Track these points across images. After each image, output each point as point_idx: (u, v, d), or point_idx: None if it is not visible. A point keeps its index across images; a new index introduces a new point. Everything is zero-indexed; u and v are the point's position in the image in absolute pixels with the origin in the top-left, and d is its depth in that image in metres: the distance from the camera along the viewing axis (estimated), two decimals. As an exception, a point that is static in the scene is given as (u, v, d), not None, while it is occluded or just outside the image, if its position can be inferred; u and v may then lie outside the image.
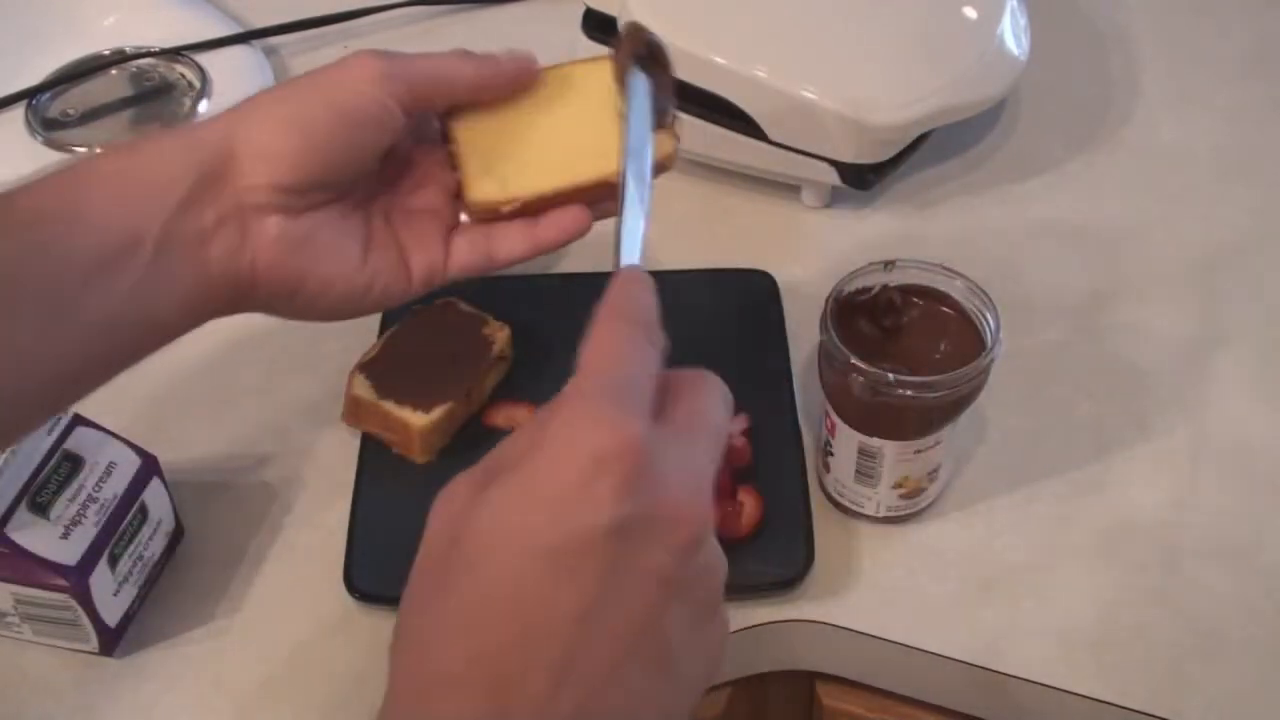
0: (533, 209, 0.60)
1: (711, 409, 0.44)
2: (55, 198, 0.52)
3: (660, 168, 0.60)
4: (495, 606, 0.39)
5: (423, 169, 0.61)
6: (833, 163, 0.80)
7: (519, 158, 0.60)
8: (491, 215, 0.60)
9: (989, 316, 0.63)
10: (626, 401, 0.40)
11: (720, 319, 0.75)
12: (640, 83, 0.59)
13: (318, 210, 0.56)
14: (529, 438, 0.41)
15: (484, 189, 0.59)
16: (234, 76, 0.93)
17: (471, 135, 0.60)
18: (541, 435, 0.40)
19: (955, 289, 0.64)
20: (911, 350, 0.63)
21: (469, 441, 0.70)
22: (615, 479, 0.39)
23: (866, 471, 0.65)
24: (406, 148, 0.61)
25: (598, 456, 0.39)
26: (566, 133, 0.60)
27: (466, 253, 0.60)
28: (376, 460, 0.69)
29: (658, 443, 0.40)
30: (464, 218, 0.61)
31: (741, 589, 0.62)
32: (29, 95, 0.92)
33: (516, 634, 0.38)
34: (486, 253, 0.60)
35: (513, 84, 0.60)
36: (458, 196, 0.60)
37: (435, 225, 0.60)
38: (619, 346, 0.43)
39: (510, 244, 0.60)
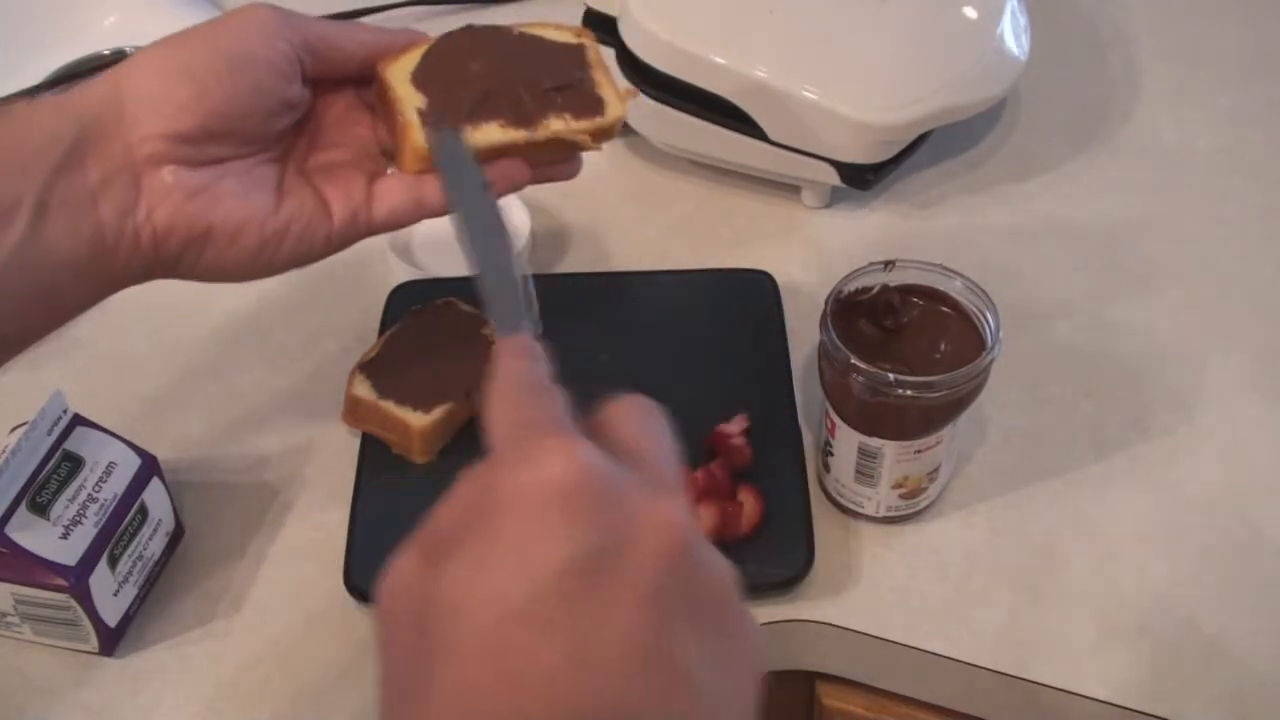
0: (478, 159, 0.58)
1: (651, 425, 0.41)
2: None
3: (608, 132, 0.60)
4: (482, 688, 0.34)
5: (341, 128, 0.60)
6: (833, 163, 0.80)
7: (471, 111, 0.58)
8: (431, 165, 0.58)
9: (989, 316, 0.63)
10: (555, 433, 0.37)
11: (720, 319, 0.75)
12: (448, 138, 0.56)
13: (220, 164, 0.54)
14: (467, 503, 0.37)
15: (430, 133, 0.57)
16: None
17: (409, 85, 0.58)
18: (481, 495, 0.37)
19: (955, 289, 0.64)
20: (911, 350, 0.63)
21: (469, 441, 0.70)
22: (569, 507, 0.35)
23: (866, 471, 0.65)
24: (322, 108, 0.59)
25: (545, 491, 0.35)
26: (529, 88, 0.59)
27: (394, 196, 0.58)
28: (376, 460, 0.69)
29: (606, 461, 0.37)
30: (391, 170, 0.60)
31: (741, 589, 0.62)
32: (29, 95, 0.92)
33: (509, 709, 0.34)
34: (416, 198, 0.58)
35: (402, 51, 0.59)
36: (384, 154, 0.59)
37: (357, 174, 0.58)
38: (521, 401, 0.40)
39: (440, 191, 0.58)
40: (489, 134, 0.58)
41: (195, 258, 0.55)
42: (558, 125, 0.59)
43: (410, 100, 0.58)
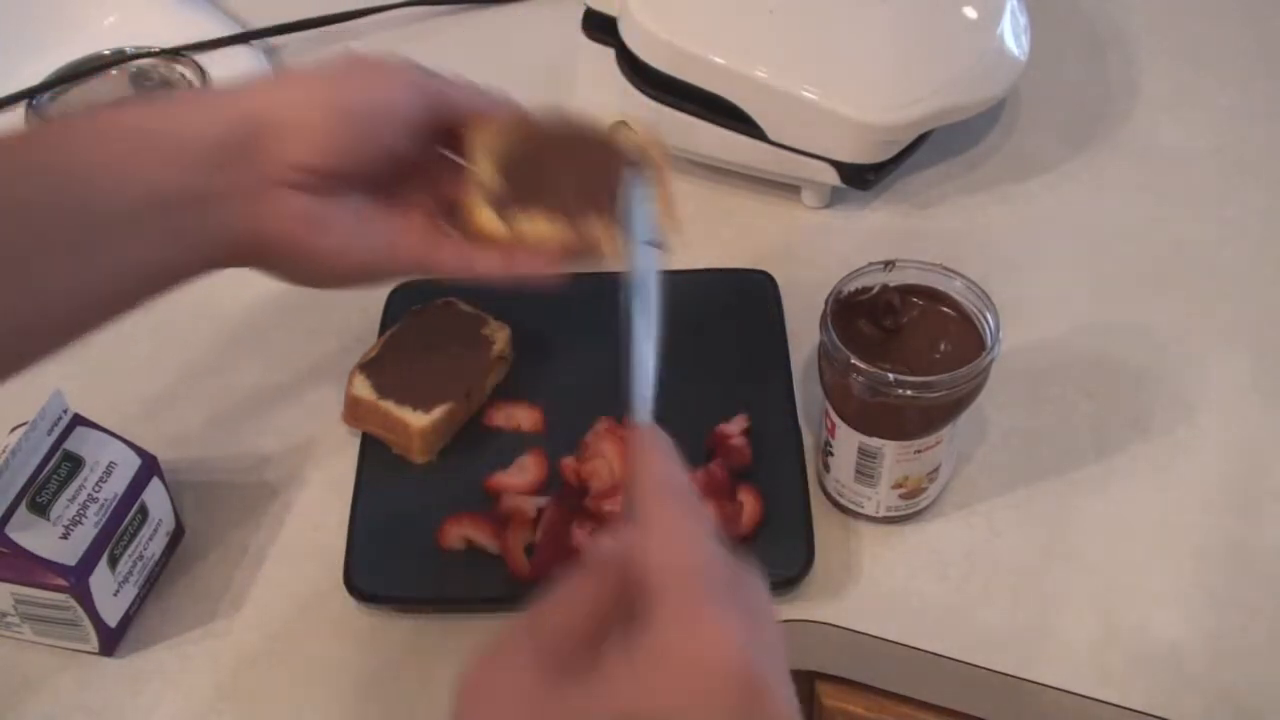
0: (524, 245, 0.61)
1: (767, 600, 0.44)
2: (85, 148, 0.52)
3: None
4: None
5: (428, 176, 0.62)
6: (833, 163, 0.80)
7: (529, 201, 0.61)
8: (486, 238, 0.61)
9: (989, 316, 0.63)
10: (721, 603, 0.39)
11: (720, 319, 0.75)
12: (639, 193, 0.58)
13: (332, 196, 0.57)
14: (616, 647, 0.39)
15: (485, 217, 0.61)
16: (234, 76, 0.93)
17: (488, 162, 0.61)
18: (641, 643, 0.38)
19: (955, 289, 0.64)
20: (911, 350, 0.63)
21: (469, 441, 0.70)
22: (727, 697, 0.37)
23: (866, 471, 0.65)
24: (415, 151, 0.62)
25: (707, 674, 0.38)
26: (588, 191, 0.62)
27: (452, 256, 0.61)
28: (376, 460, 0.69)
29: (757, 649, 0.39)
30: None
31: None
32: (29, 95, 0.92)
33: None
34: (469, 263, 0.61)
35: (499, 120, 0.62)
36: (458, 204, 0.62)
37: (430, 223, 0.62)
38: (684, 532, 0.41)
39: (489, 262, 0.61)
40: (534, 227, 0.61)
41: (277, 265, 0.58)
42: (598, 231, 0.61)
43: (483, 173, 0.61)
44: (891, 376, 0.60)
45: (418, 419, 0.68)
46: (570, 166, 0.62)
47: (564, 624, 0.39)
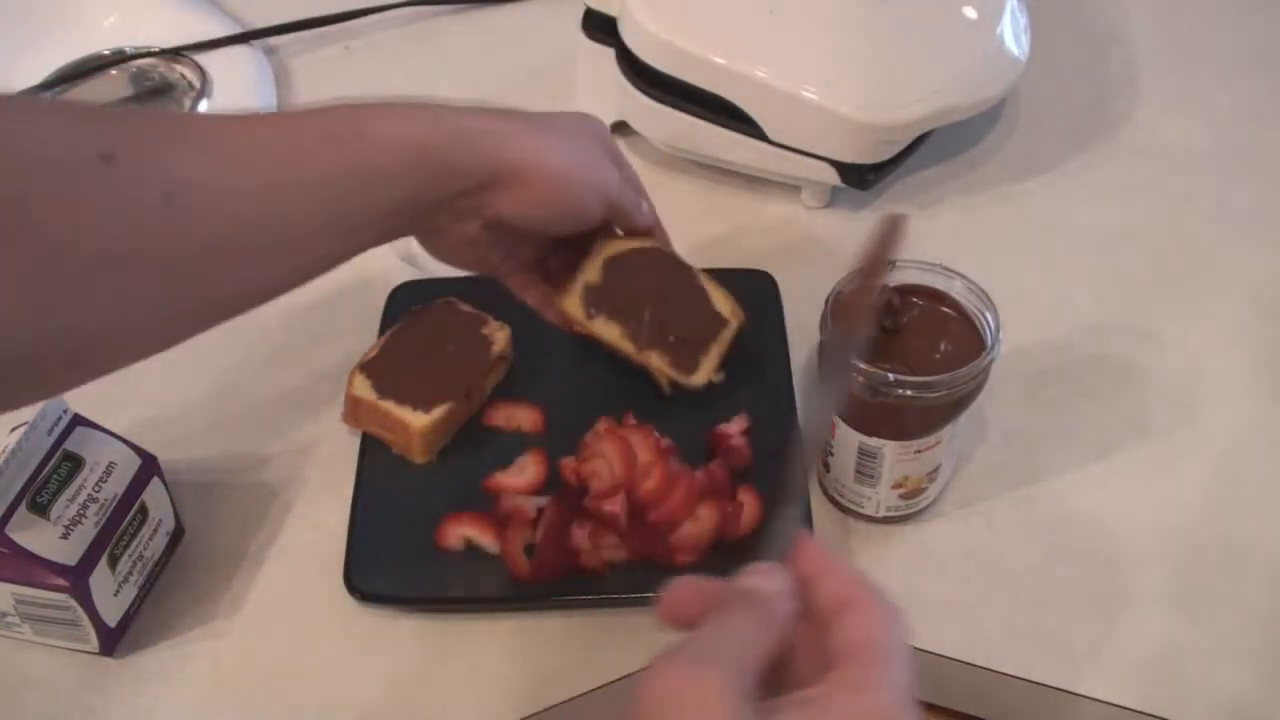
0: (589, 332, 0.69)
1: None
2: (363, 154, 0.58)
3: (680, 387, 0.68)
4: None
5: (562, 251, 0.70)
6: (833, 163, 0.80)
7: (615, 309, 0.68)
8: (564, 311, 0.69)
9: (989, 316, 0.63)
10: (908, 701, 0.41)
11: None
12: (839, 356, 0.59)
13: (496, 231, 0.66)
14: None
15: (574, 304, 0.68)
16: (234, 76, 0.93)
17: (601, 263, 0.68)
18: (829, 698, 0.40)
19: (955, 289, 0.64)
20: (911, 350, 0.63)
21: (469, 441, 0.70)
22: None
23: (866, 471, 0.65)
24: None
25: None
26: (662, 324, 0.69)
27: (535, 297, 0.70)
28: (376, 460, 0.69)
29: None
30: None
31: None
32: (28, 96, 0.91)
33: None
34: (525, 293, 0.70)
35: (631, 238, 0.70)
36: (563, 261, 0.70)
37: (534, 259, 0.70)
38: (893, 618, 0.43)
39: (538, 298, 0.70)
40: (608, 330, 0.68)
41: (432, 251, 0.67)
42: (654, 359, 0.68)
43: (590, 272, 0.68)
44: (891, 376, 0.60)
45: (418, 419, 0.68)
46: (666, 306, 0.69)
47: (751, 665, 0.40)
